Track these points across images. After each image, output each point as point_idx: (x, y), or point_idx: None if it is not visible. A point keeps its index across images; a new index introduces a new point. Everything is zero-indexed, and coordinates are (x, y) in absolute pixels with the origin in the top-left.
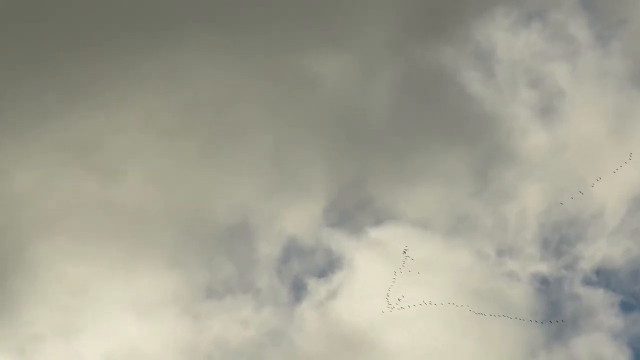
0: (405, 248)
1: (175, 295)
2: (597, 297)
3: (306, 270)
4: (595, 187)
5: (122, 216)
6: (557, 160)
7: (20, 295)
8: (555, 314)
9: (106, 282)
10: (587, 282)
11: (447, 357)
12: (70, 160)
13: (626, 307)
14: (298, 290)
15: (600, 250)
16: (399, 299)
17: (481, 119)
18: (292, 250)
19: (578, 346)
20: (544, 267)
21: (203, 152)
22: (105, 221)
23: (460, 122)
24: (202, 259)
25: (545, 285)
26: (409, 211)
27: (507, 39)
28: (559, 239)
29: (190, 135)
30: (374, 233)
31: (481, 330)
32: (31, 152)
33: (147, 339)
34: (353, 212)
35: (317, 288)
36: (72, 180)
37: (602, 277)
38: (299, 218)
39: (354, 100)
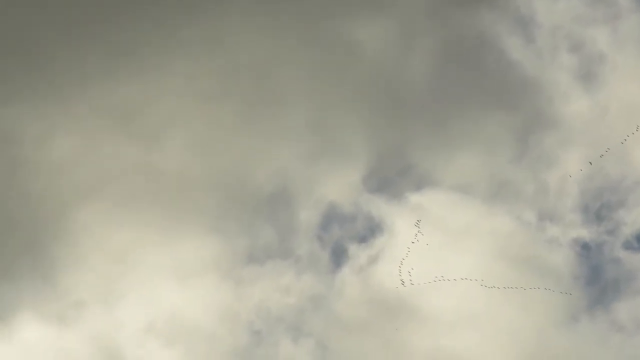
0: (418, 220)
1: (216, 261)
2: (638, 261)
3: (346, 236)
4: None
5: (163, 182)
6: (598, 125)
7: (60, 261)
8: (596, 279)
9: (147, 248)
10: (628, 246)
11: (488, 321)
12: (111, 126)
13: None
14: (338, 256)
15: None
16: (409, 272)
17: (521, 84)
18: (332, 216)
19: (620, 310)
20: (585, 233)
21: (243, 117)
22: (146, 187)
23: (501, 88)
24: (243, 225)
25: (586, 250)
26: (449, 177)
27: (547, 3)
28: (600, 205)
29: (230, 100)
30: (414, 198)
31: (522, 295)
32: (71, 118)
33: (188, 304)
34: (393, 178)
35: (358, 253)
36: (112, 146)
37: None
38: (339, 184)
39: (394, 66)
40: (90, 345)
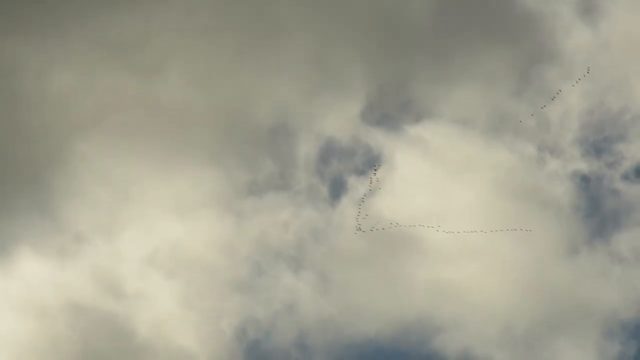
0: (377, 166)
1: (216, 194)
2: (638, 192)
3: (346, 168)
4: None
5: (163, 115)
6: (600, 59)
7: (61, 195)
8: (596, 211)
9: (147, 180)
10: (628, 178)
11: (489, 251)
12: (110, 59)
13: None
14: (338, 189)
15: None
16: (364, 217)
17: (523, 17)
18: (331, 150)
19: (620, 242)
20: (584, 166)
21: (243, 51)
22: (146, 120)
23: (502, 21)
24: (243, 158)
25: (585, 182)
26: (449, 110)
27: None
28: (601, 139)
29: (231, 34)
30: (414, 130)
31: (525, 227)
32: (71, 51)
33: (188, 237)
34: (392, 112)
35: (357, 186)
36: (112, 78)
37: None
38: (338, 118)
39: None
40: (90, 279)
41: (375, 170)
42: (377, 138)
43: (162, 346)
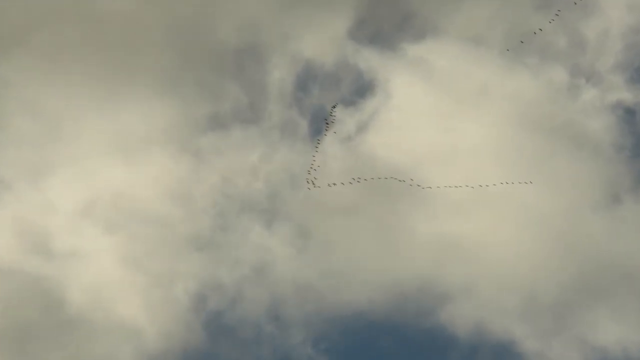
0: (333, 105)
1: (169, 129)
2: None
3: (330, 98)
4: None
5: (105, 32)
6: None
7: None
8: None
9: (85, 112)
10: None
11: (508, 200)
12: None
13: None
14: (320, 124)
15: None
16: (316, 169)
17: None
18: (312, 75)
19: None
20: (628, 96)
21: None
22: (83, 38)
23: None
24: (203, 86)
25: (630, 116)
26: (458, 26)
27: None
28: None
29: None
30: (414, 51)
31: (554, 171)
32: None
33: (134, 183)
34: (387, 28)
35: (344, 119)
36: None
37: None
38: (320, 37)
39: None
40: (13, 234)
41: (332, 109)
42: (369, 60)
43: (101, 316)
